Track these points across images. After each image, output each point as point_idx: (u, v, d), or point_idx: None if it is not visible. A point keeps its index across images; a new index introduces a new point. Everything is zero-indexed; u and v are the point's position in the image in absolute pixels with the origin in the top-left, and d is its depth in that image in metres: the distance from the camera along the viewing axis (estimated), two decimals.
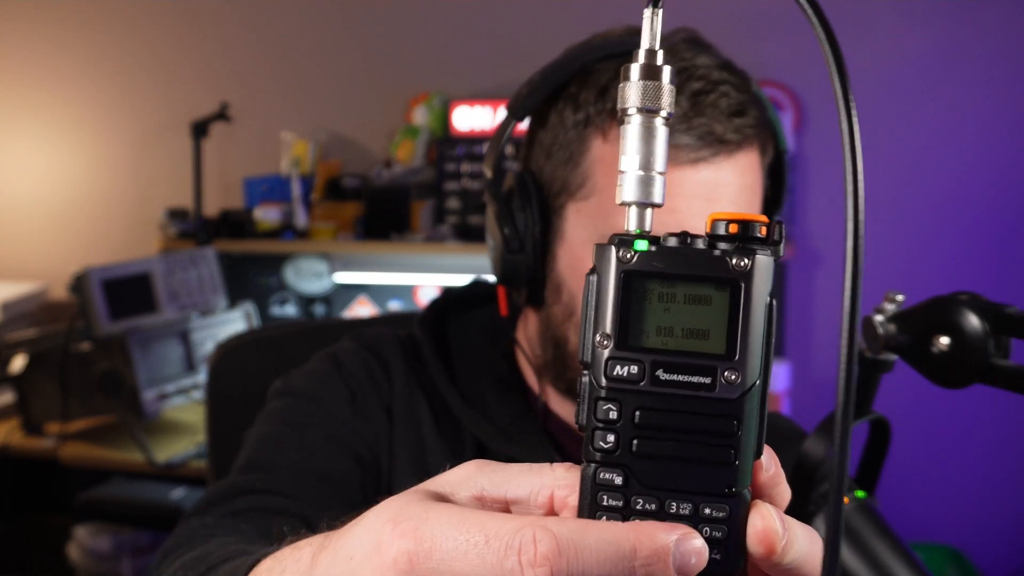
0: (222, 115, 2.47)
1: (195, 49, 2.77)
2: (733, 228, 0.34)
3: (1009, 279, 2.22)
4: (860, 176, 0.31)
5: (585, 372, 0.35)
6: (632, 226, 0.36)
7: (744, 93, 0.73)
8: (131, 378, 2.08)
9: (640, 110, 0.36)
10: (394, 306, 2.53)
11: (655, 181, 0.36)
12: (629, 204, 0.36)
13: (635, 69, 0.36)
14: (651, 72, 0.36)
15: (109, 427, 2.20)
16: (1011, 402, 0.92)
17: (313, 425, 0.80)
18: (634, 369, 0.34)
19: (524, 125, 0.81)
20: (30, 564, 2.41)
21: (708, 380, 0.34)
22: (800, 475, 0.62)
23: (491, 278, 0.85)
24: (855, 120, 0.31)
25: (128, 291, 2.11)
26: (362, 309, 2.52)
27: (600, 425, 0.34)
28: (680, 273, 0.34)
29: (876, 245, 2.28)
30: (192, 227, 2.49)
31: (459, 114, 2.45)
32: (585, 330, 0.35)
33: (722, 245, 0.34)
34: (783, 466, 0.36)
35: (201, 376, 2.21)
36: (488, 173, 0.78)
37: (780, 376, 2.26)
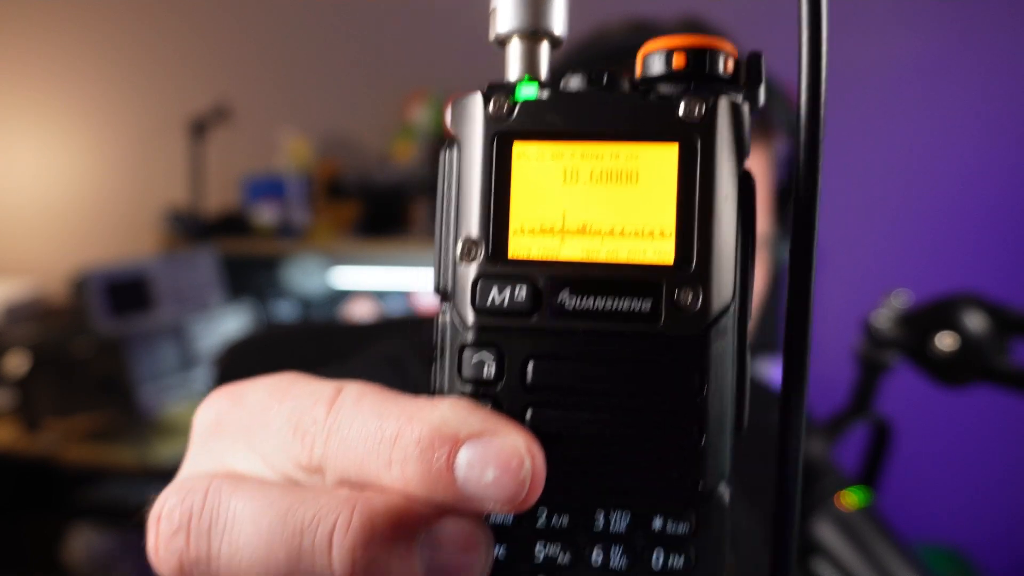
0: (220, 113, 2.47)
1: (194, 47, 2.76)
2: (678, 61, 0.21)
3: (1013, 279, 2.21)
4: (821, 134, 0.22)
5: (444, 306, 0.22)
6: (513, 70, 0.23)
7: None
8: (130, 377, 2.08)
9: None
10: (393, 305, 2.52)
11: None
12: (506, 37, 0.23)
13: None
14: None
15: (108, 427, 2.20)
16: (1012, 402, 0.92)
17: None
18: (521, 292, 0.21)
19: None
20: (28, 564, 2.40)
21: (647, 306, 0.21)
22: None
23: None
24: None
25: (127, 290, 2.10)
26: (361, 308, 2.52)
27: (469, 390, 0.21)
28: (592, 129, 0.21)
29: (880, 245, 2.28)
30: (190, 226, 2.49)
31: None
32: (442, 239, 0.23)
33: (663, 88, 0.22)
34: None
35: (198, 375, 2.21)
36: None
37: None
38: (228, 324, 2.31)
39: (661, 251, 0.21)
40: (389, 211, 2.40)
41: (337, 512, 0.20)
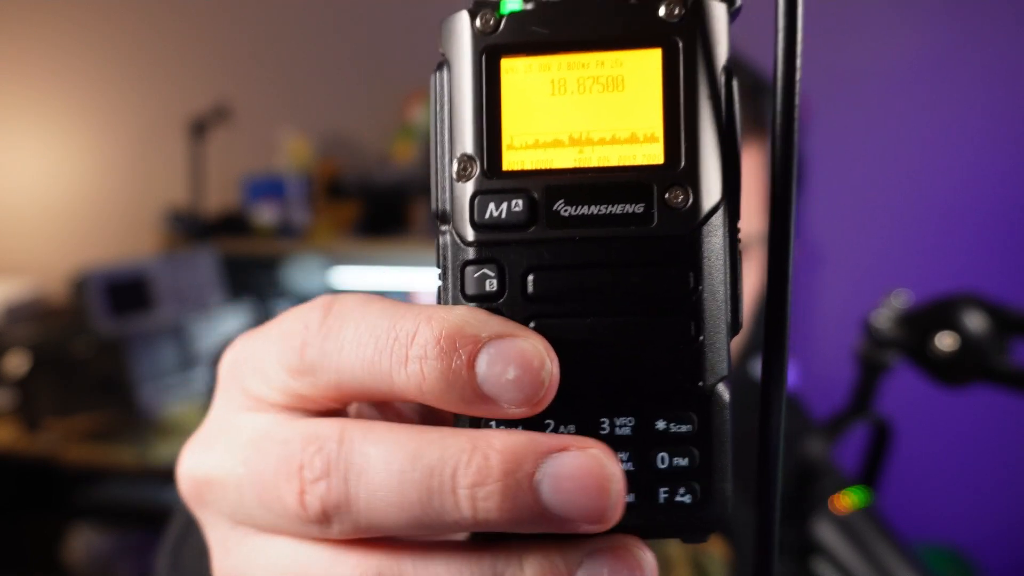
0: (220, 113, 2.47)
1: (194, 47, 2.76)
2: None
3: (1013, 279, 2.21)
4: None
5: (444, 228, 0.23)
6: None
7: None
8: (130, 376, 2.07)
9: None
10: None
11: None
12: None
13: None
14: None
15: (108, 427, 2.20)
16: (1012, 402, 0.92)
17: None
18: (518, 204, 0.21)
19: None
20: (28, 564, 2.40)
21: (640, 208, 0.21)
22: (798, 472, 0.61)
23: None
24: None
25: (127, 290, 2.10)
26: None
27: (474, 307, 0.22)
28: (577, 38, 0.22)
29: (880, 245, 2.28)
30: (190, 225, 2.49)
31: None
32: (437, 161, 0.23)
33: None
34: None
35: (198, 375, 2.21)
36: None
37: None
38: (228, 324, 2.31)
39: (650, 155, 0.21)
40: (389, 211, 2.40)
41: (460, 453, 0.20)
